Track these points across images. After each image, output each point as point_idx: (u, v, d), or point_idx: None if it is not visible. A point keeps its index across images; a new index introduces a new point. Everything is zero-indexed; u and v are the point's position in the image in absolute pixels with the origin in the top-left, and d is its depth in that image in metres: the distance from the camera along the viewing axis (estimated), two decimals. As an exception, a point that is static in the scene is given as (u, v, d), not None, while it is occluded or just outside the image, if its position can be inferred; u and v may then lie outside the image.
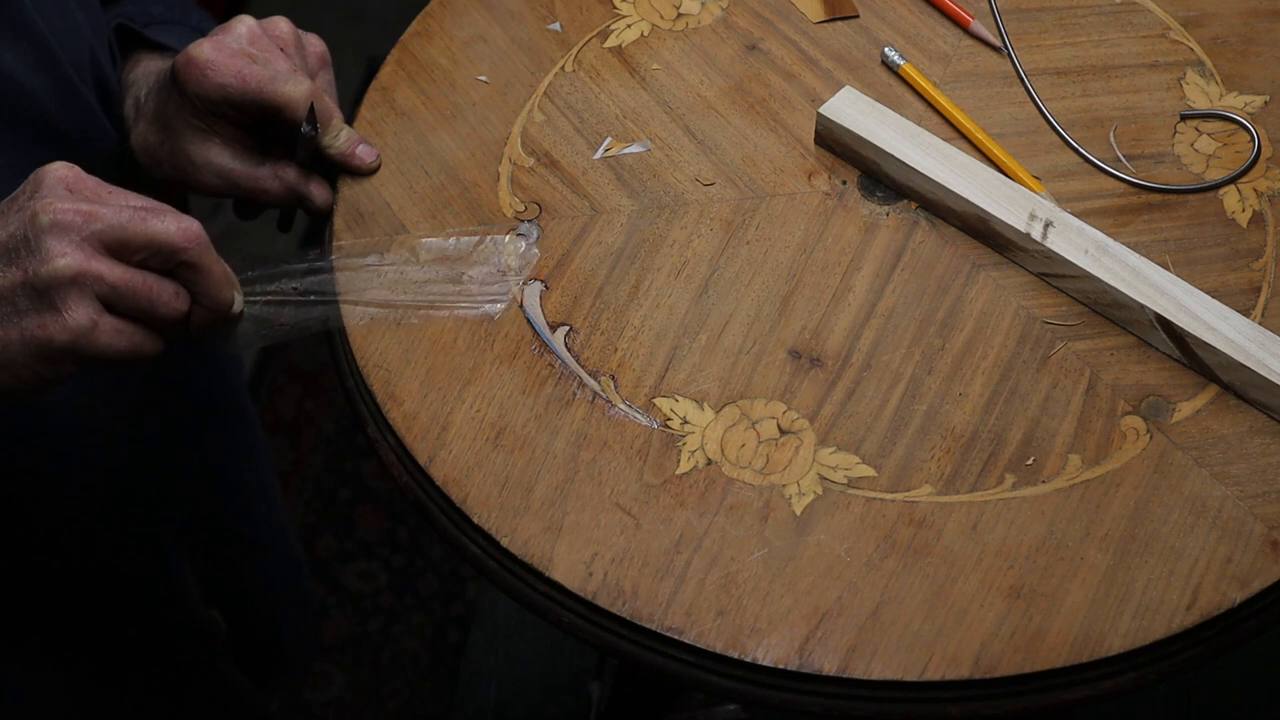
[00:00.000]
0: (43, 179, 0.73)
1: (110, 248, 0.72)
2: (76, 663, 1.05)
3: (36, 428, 0.92)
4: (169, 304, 0.74)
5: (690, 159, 0.90)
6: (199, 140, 0.87)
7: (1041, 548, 0.75)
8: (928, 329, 0.82)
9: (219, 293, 0.77)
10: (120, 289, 0.72)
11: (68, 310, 0.71)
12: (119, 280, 0.72)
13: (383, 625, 1.70)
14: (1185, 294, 0.80)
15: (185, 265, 0.75)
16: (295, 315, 0.82)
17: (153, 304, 0.74)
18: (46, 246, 0.71)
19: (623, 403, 0.80)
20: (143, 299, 0.73)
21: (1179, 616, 0.73)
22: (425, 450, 0.79)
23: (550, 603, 0.75)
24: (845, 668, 0.72)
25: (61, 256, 0.71)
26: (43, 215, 0.71)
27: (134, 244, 0.73)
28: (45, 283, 0.71)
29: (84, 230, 0.71)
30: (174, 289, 0.75)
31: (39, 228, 0.71)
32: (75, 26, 0.89)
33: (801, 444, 0.79)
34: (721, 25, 0.96)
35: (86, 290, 0.71)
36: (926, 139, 0.87)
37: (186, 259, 0.74)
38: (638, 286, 0.84)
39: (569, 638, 0.77)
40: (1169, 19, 0.95)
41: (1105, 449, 0.78)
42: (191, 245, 0.74)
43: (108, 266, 0.72)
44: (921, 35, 0.95)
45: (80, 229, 0.71)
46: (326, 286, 0.83)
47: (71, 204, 0.72)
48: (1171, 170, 0.89)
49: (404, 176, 0.89)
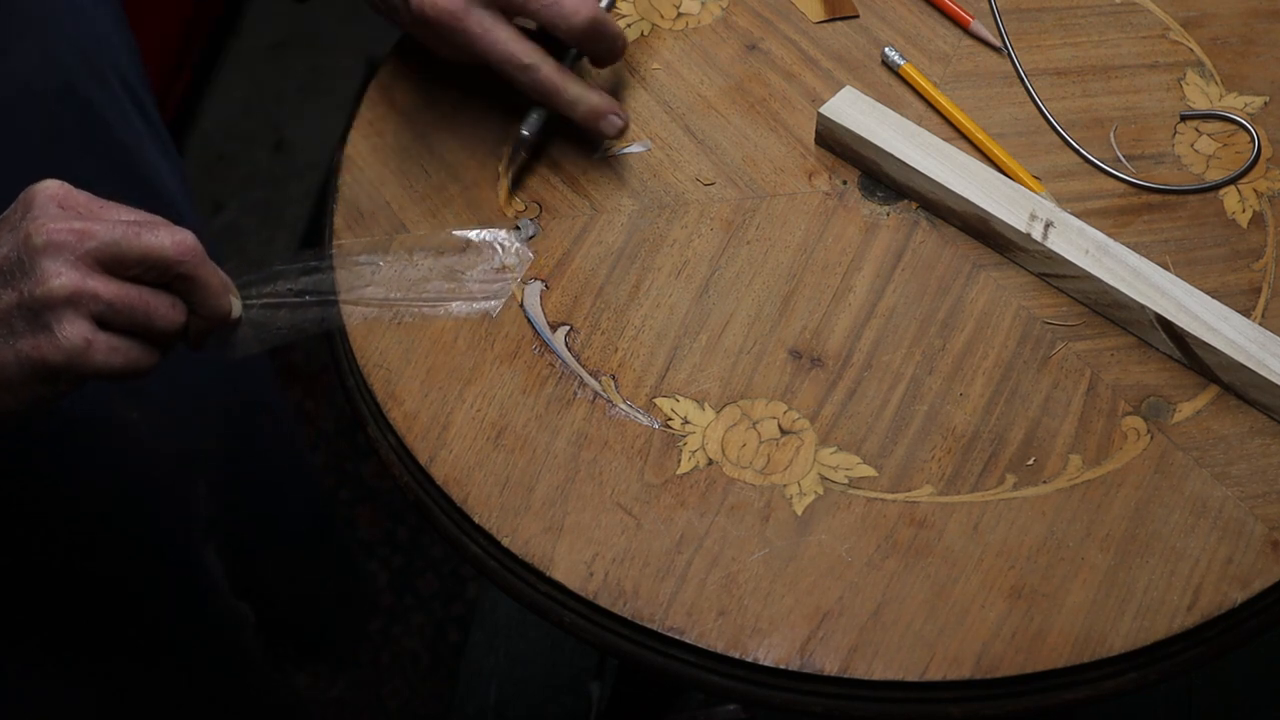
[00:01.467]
0: (34, 198, 0.73)
1: (105, 264, 0.72)
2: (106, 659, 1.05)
3: (58, 427, 0.92)
4: (166, 317, 0.74)
5: (690, 159, 0.90)
6: None
7: (1042, 548, 0.75)
8: (928, 329, 0.82)
9: (216, 302, 0.76)
10: (116, 305, 0.72)
11: (61, 330, 0.71)
12: (115, 297, 0.72)
13: (383, 625, 1.69)
14: (1185, 294, 0.80)
15: (181, 278, 0.74)
16: (292, 317, 0.82)
17: (149, 318, 0.73)
18: (41, 267, 0.71)
19: (623, 403, 0.80)
20: (139, 314, 0.73)
21: (1180, 617, 0.73)
22: (426, 450, 0.79)
23: (551, 603, 0.75)
24: (846, 668, 0.72)
25: (56, 277, 0.70)
26: (36, 236, 0.71)
27: (129, 259, 0.72)
28: (40, 303, 0.71)
29: (78, 249, 0.71)
30: (170, 301, 0.75)
31: (33, 249, 0.71)
32: (89, 27, 0.89)
33: (802, 444, 0.79)
34: (721, 25, 0.96)
35: (82, 309, 0.71)
36: (927, 139, 0.87)
37: (182, 271, 0.74)
38: (638, 286, 0.84)
39: (569, 638, 0.77)
40: (1169, 19, 0.95)
41: (1106, 449, 0.78)
42: (187, 258, 0.74)
43: (103, 284, 0.72)
44: (921, 35, 0.95)
45: (74, 248, 0.71)
46: (323, 287, 0.83)
47: (65, 223, 0.72)
48: (1171, 170, 0.89)
49: (404, 176, 0.89)
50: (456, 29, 0.83)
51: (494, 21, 0.84)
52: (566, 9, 0.83)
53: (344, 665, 1.62)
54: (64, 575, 1.00)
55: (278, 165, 2.00)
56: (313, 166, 1.96)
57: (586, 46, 0.86)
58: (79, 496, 0.97)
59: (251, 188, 1.97)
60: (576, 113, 0.86)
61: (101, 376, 0.73)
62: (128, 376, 0.74)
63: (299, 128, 2.02)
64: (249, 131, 2.03)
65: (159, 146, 0.99)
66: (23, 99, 0.84)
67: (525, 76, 0.85)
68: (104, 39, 0.94)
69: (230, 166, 2.00)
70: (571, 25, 0.84)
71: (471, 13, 0.83)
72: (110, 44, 0.92)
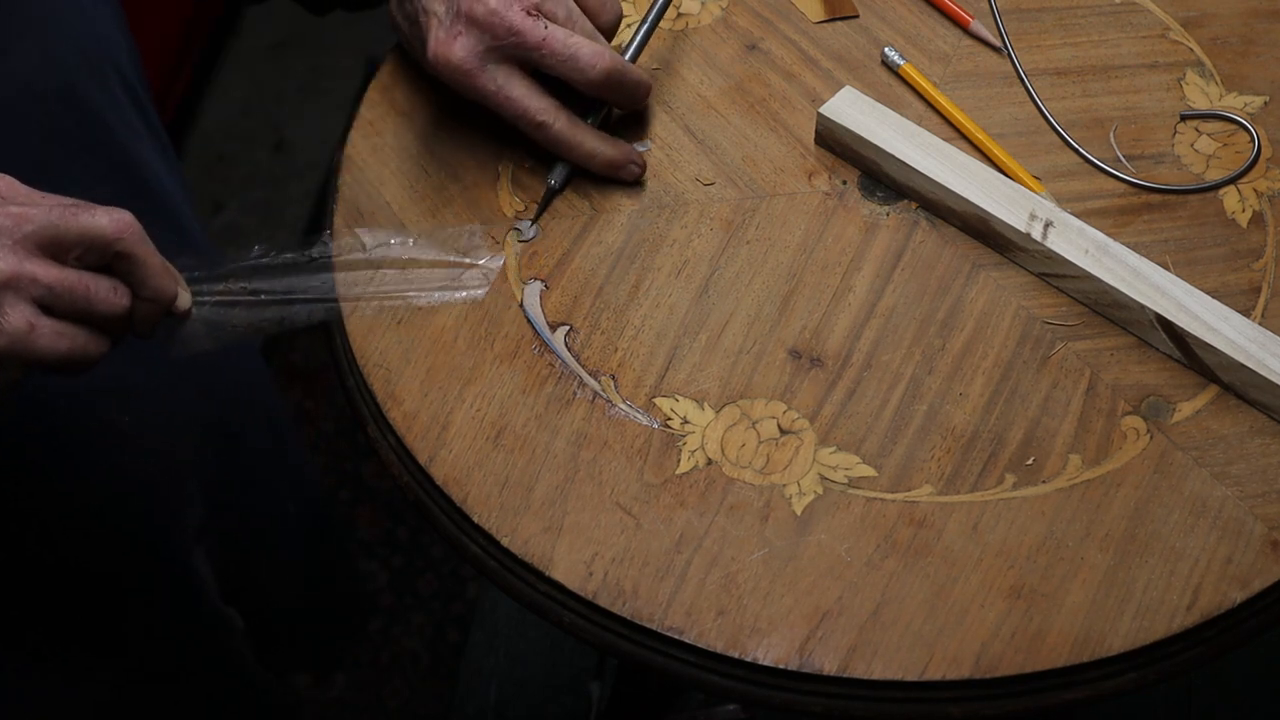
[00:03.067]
0: None
1: (44, 248, 0.71)
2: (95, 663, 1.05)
3: (49, 429, 0.92)
4: (108, 300, 0.73)
5: (690, 159, 0.90)
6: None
7: (1042, 548, 0.75)
8: (928, 329, 0.82)
9: (159, 283, 0.75)
10: (56, 289, 0.71)
11: (3, 315, 0.70)
12: (55, 280, 0.71)
13: (383, 625, 1.69)
14: (1185, 294, 0.80)
15: (121, 257, 0.73)
16: (248, 315, 0.80)
17: (90, 301, 0.73)
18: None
19: (623, 402, 0.80)
20: (79, 297, 0.72)
21: (1179, 616, 0.73)
22: (425, 450, 0.79)
23: (551, 602, 0.75)
24: (846, 668, 0.72)
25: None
26: None
27: (67, 240, 0.72)
28: None
29: (15, 233, 0.71)
30: (111, 284, 0.74)
31: None
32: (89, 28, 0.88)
33: (802, 444, 0.79)
34: (721, 25, 0.96)
35: (22, 293, 0.70)
36: (926, 139, 0.87)
37: (121, 249, 0.73)
38: (638, 286, 0.84)
39: (569, 638, 0.77)
40: (1169, 19, 0.95)
41: (1105, 449, 0.78)
42: (125, 234, 0.73)
43: (42, 268, 0.71)
44: (921, 35, 0.95)
45: (11, 232, 0.71)
46: (278, 285, 0.82)
47: (1, 209, 0.71)
48: (1171, 170, 0.89)
49: (404, 176, 0.89)
50: (470, 85, 0.84)
51: (508, 77, 0.84)
52: (583, 62, 0.83)
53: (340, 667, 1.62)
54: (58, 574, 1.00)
55: (278, 165, 2.00)
56: (313, 166, 1.96)
57: (607, 96, 0.86)
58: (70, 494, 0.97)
59: (251, 188, 1.97)
60: (594, 166, 0.87)
61: (48, 364, 0.72)
62: (76, 364, 0.73)
63: (299, 128, 2.03)
64: (249, 131, 2.03)
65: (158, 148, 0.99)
66: (22, 99, 0.84)
67: (540, 134, 0.85)
68: (104, 39, 0.93)
69: (230, 166, 2.00)
70: (589, 79, 0.84)
71: (485, 69, 0.83)
72: (111, 44, 0.92)
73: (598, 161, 0.87)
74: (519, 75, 0.84)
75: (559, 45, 0.83)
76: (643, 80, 0.86)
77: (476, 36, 0.82)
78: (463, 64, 0.83)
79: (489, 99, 0.84)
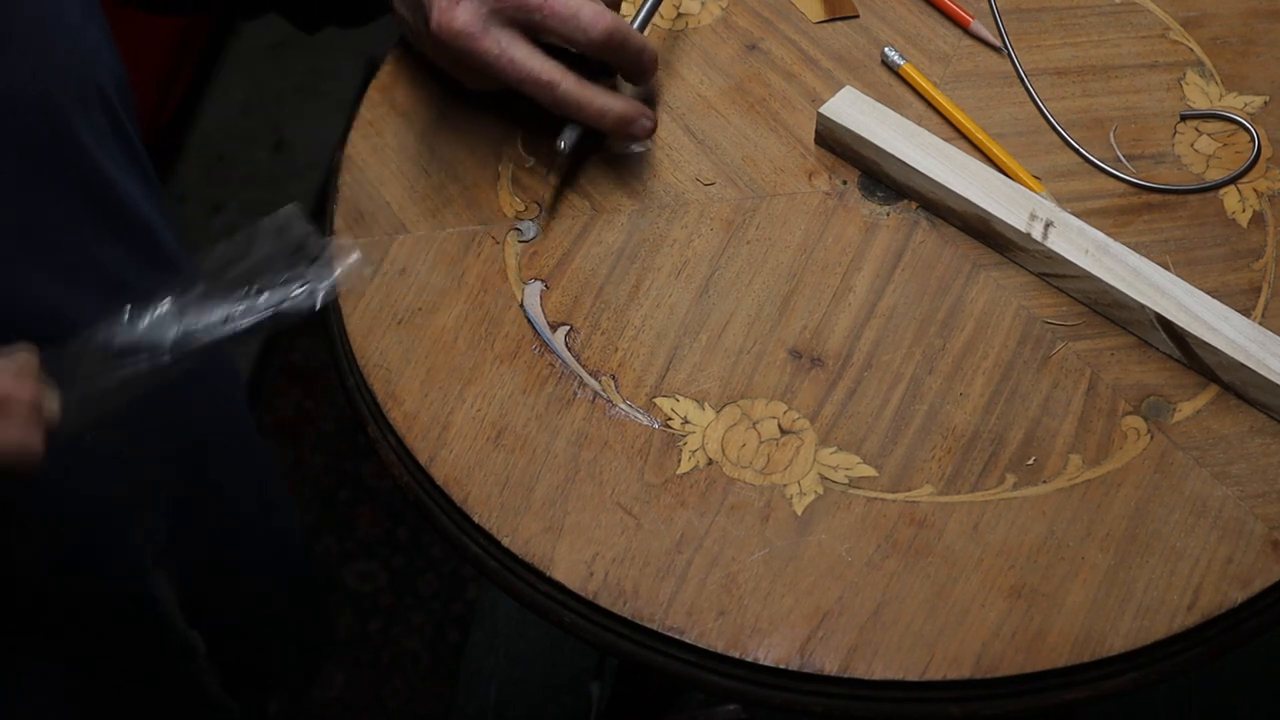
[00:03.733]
0: None
1: None
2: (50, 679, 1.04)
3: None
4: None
5: (690, 159, 0.90)
6: None
7: (1042, 548, 0.75)
8: (928, 329, 0.82)
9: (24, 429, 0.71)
10: None
11: None
12: None
13: (383, 625, 1.70)
14: (1185, 294, 0.81)
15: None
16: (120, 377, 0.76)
17: None
18: None
19: (623, 402, 0.80)
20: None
21: (1180, 616, 0.73)
22: (426, 450, 0.79)
23: (551, 602, 0.75)
24: (846, 668, 0.72)
25: None
26: None
27: None
28: None
29: None
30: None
31: None
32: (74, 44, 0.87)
33: (802, 444, 0.79)
34: (721, 25, 0.96)
35: None
36: (927, 139, 0.87)
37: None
38: (638, 286, 0.85)
39: (569, 638, 0.77)
40: (1169, 19, 0.95)
41: (1106, 449, 0.78)
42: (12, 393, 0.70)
43: None
44: (921, 35, 0.95)
45: None
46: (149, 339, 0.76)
47: None
48: (1171, 170, 0.89)
49: (404, 176, 0.89)
50: (473, 49, 0.83)
51: (511, 40, 0.83)
52: (584, 20, 0.83)
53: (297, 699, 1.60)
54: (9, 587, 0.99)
55: (278, 165, 2.00)
56: (313, 166, 1.96)
57: (610, 60, 0.86)
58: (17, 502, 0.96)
59: (251, 188, 1.97)
60: (606, 124, 0.85)
61: None
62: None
63: (299, 128, 2.03)
64: (249, 131, 2.03)
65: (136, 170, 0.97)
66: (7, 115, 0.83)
67: (548, 94, 0.84)
68: (88, 56, 0.92)
69: (230, 166, 2.00)
70: (591, 38, 0.83)
71: (489, 32, 0.83)
72: (94, 63, 0.91)
73: (609, 119, 0.85)
74: (522, 39, 0.84)
75: (560, 5, 0.82)
76: (647, 46, 0.86)
77: (479, 1, 0.83)
78: (465, 27, 0.82)
79: (493, 64, 0.83)
